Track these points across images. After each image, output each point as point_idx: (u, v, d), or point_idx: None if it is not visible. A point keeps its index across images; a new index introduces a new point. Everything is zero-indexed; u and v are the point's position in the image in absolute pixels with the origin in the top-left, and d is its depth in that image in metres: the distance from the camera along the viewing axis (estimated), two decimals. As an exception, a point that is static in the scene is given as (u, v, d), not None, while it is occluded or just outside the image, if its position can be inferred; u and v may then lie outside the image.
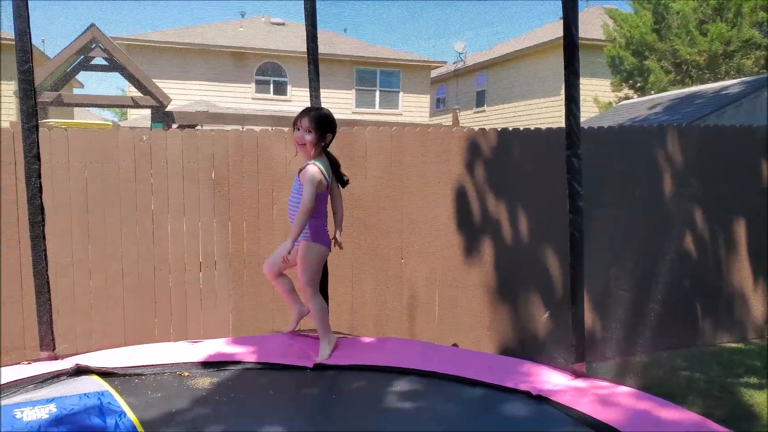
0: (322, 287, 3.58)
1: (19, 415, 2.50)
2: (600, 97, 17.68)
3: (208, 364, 3.25)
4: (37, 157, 3.19)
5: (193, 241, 4.42)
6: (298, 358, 3.35)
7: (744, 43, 15.40)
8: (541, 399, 2.80)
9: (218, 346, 3.51)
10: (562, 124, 3.25)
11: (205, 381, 3.03)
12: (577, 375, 3.06)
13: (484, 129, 5.02)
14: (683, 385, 4.25)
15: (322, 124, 3.21)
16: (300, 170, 3.25)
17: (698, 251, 5.33)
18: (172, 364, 3.21)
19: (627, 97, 17.17)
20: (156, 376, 3.09)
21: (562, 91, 3.17)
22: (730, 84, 12.05)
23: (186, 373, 3.12)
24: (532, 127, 5.11)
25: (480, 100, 21.95)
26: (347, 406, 2.83)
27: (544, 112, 18.18)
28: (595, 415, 2.57)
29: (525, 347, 4.78)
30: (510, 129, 5.11)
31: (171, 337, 4.20)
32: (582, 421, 2.58)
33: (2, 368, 3.04)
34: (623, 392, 2.83)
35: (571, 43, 3.10)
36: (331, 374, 3.20)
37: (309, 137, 3.17)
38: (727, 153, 5.38)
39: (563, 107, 3.14)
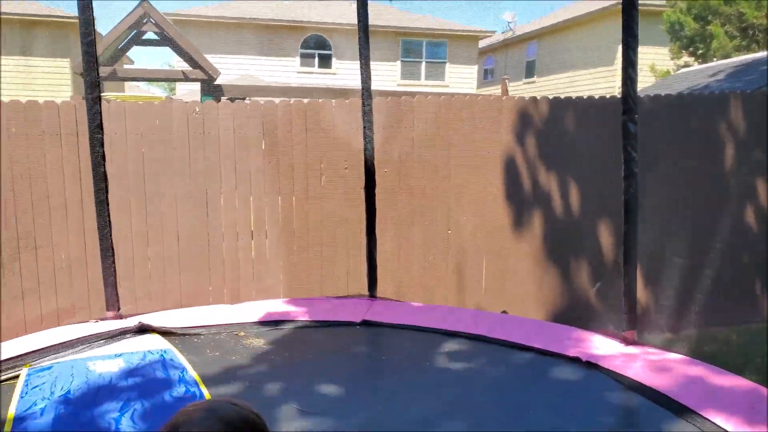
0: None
1: (92, 367, 2.67)
2: (657, 66, 17.00)
3: (262, 323, 3.38)
4: (100, 127, 3.34)
5: (245, 210, 4.54)
6: (346, 315, 3.44)
7: (816, 4, 14.51)
8: (590, 365, 2.80)
9: (271, 307, 3.64)
10: (616, 94, 3.18)
11: (259, 340, 3.15)
12: (628, 342, 3.05)
13: (535, 97, 4.93)
14: (738, 360, 4.16)
15: None
16: None
17: (759, 224, 5.14)
18: (228, 325, 3.35)
19: (687, 65, 16.46)
20: (213, 335, 3.23)
21: (616, 61, 3.12)
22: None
23: (241, 333, 3.25)
24: (585, 96, 4.99)
25: (530, 70, 21.42)
26: (396, 363, 2.90)
27: (597, 82, 17.62)
28: (646, 381, 2.57)
29: (575, 317, 4.74)
30: (561, 97, 5.01)
31: (224, 301, 4.35)
32: (632, 387, 2.57)
33: (74, 325, 3.24)
34: (674, 359, 2.80)
35: (629, 4, 3.01)
36: (381, 331, 3.28)
37: None
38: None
39: (617, 77, 3.09)
